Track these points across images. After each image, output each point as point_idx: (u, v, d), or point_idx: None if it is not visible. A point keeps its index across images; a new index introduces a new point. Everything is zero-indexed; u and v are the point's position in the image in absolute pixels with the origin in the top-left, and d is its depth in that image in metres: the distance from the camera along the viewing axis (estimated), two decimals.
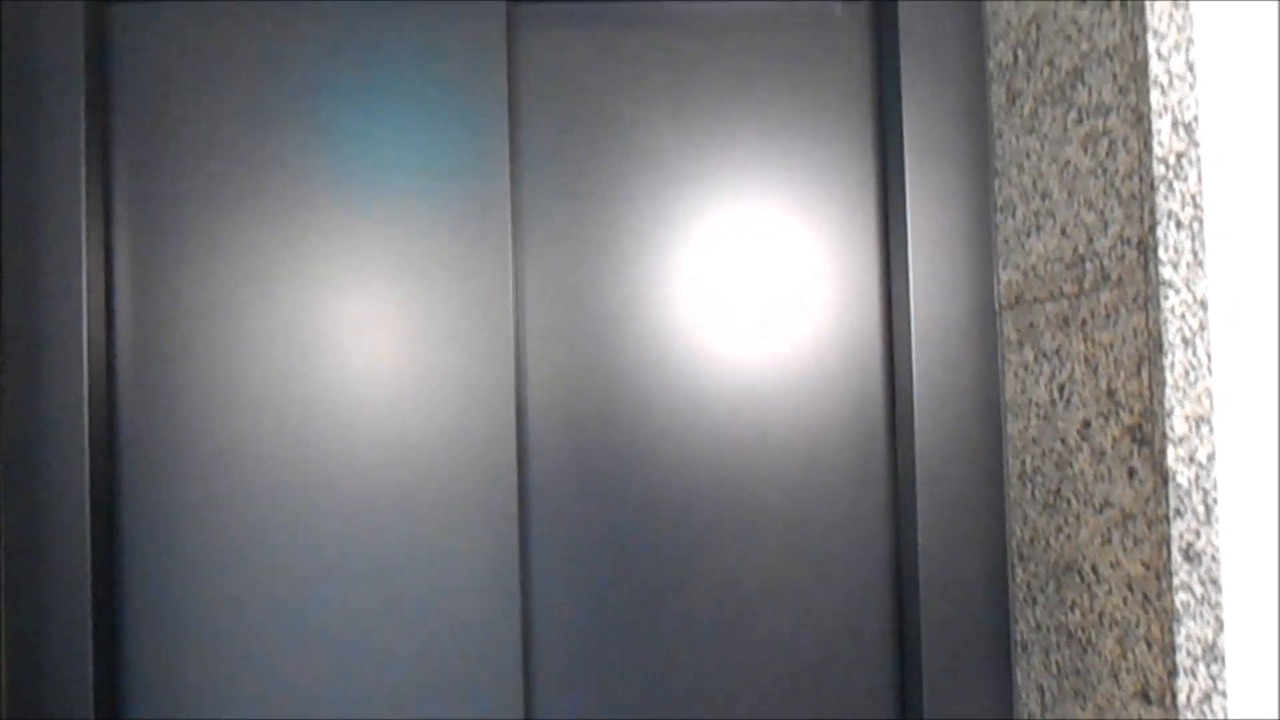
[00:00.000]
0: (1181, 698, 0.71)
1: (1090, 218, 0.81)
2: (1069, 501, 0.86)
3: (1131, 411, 0.76)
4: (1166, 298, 0.72)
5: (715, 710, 1.02)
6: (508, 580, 0.99)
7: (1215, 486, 0.71)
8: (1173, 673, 0.72)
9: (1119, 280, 0.77)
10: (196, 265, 1.00)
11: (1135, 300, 0.75)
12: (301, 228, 1.00)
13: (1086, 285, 0.82)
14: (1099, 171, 0.79)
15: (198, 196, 1.01)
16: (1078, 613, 0.85)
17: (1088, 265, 0.81)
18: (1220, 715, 0.71)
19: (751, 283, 1.04)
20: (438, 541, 0.99)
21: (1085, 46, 0.81)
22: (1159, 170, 0.72)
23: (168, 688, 0.99)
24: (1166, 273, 0.72)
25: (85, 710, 0.94)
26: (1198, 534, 0.71)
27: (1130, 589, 0.77)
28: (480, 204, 1.01)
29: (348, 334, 1.00)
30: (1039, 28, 0.89)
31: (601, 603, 1.02)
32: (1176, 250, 0.72)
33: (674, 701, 1.02)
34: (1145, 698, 0.75)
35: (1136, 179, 0.74)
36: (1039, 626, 0.92)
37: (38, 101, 0.96)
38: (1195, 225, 0.72)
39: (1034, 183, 0.90)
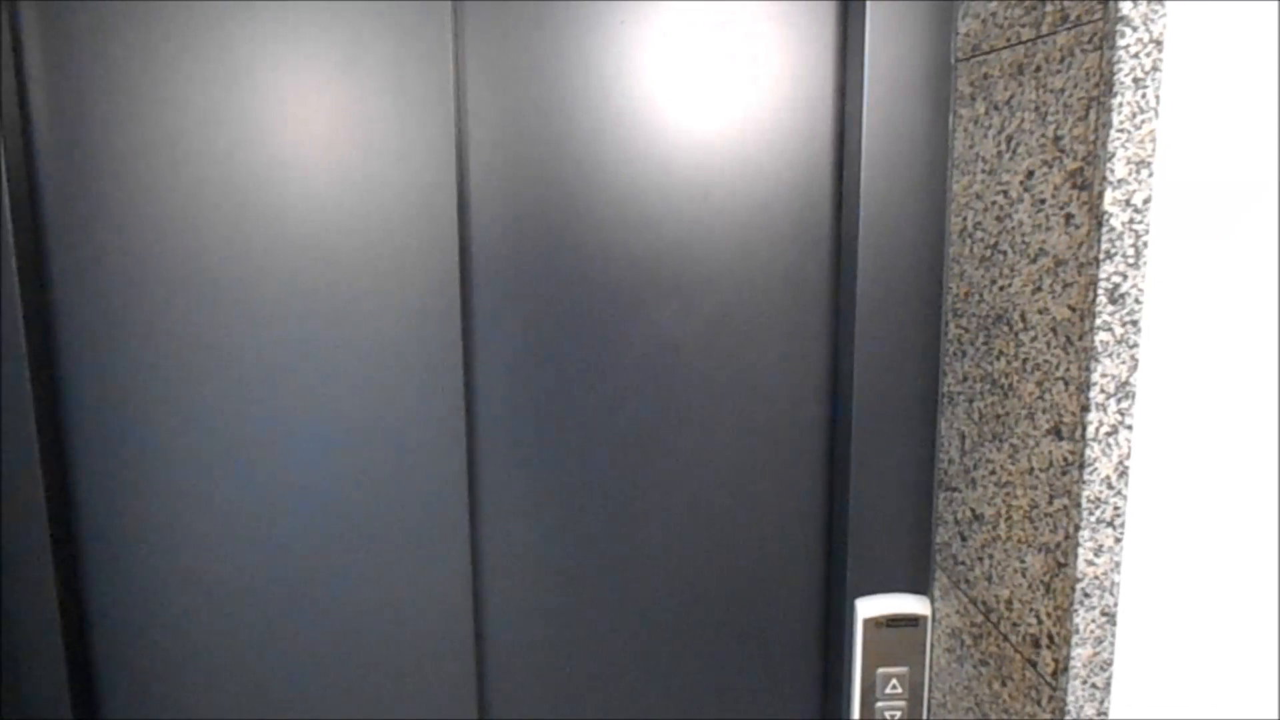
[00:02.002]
0: (1090, 431, 0.75)
1: None
2: (1005, 254, 0.87)
3: (1075, 157, 0.76)
4: (1123, 35, 0.70)
5: (650, 463, 1.06)
6: (449, 333, 0.99)
7: (1148, 230, 0.72)
8: (1085, 408, 0.75)
9: (1077, 19, 0.75)
10: (116, 43, 0.93)
11: (1091, 40, 0.73)
12: (231, 6, 0.93)
13: (1044, 28, 0.79)
14: None
15: None
16: (1003, 361, 0.88)
17: (1048, 6, 0.79)
18: (1125, 448, 0.76)
19: (699, 38, 0.99)
20: (377, 319, 0.99)
21: None
22: None
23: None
24: (1125, 8, 0.69)
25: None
26: (1125, 276, 0.73)
27: (1054, 333, 0.79)
28: None
29: (282, 114, 0.95)
30: None
31: (542, 354, 1.03)
32: None
33: (614, 452, 1.05)
34: (1057, 434, 0.79)
35: None
36: (965, 378, 0.95)
37: None
38: None
39: None
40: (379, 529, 1.03)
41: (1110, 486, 0.76)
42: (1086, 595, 0.78)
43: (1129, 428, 0.75)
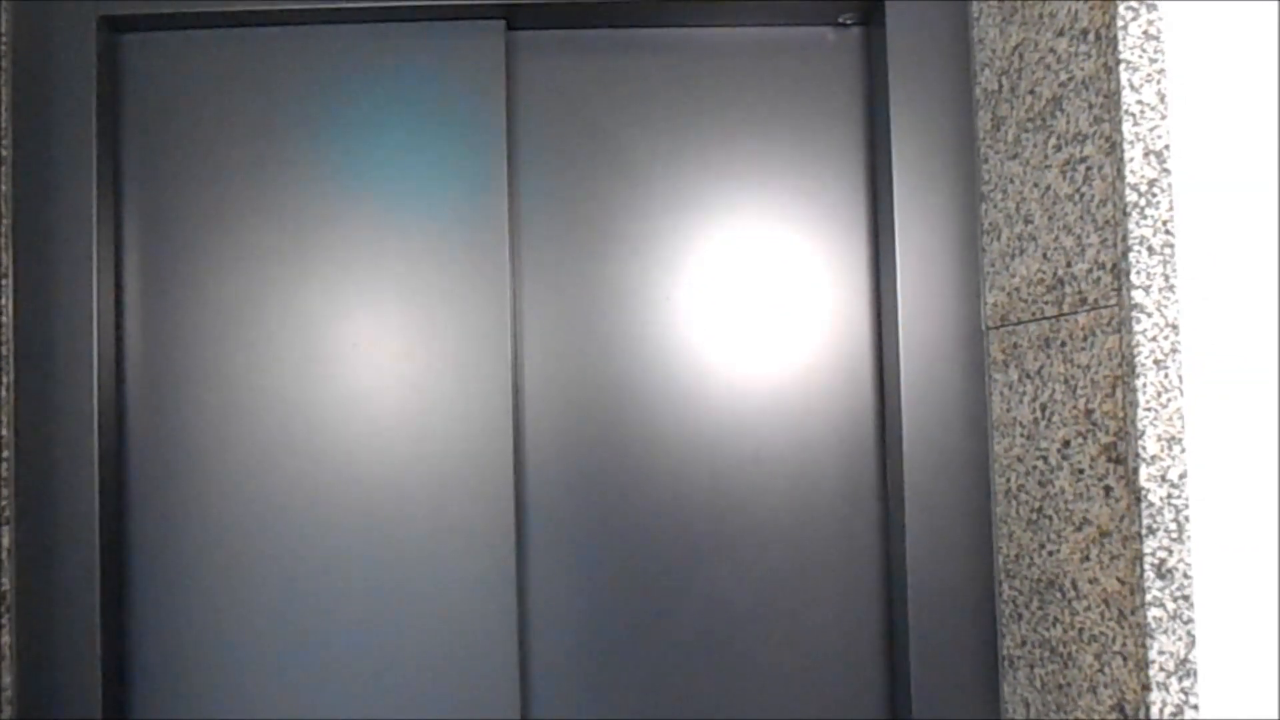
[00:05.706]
0: (1155, 711, 0.73)
1: (1069, 242, 0.83)
2: (1050, 519, 0.87)
3: (1107, 431, 0.78)
4: (1139, 321, 0.74)
5: None
6: (505, 593, 1.01)
7: (1187, 505, 0.73)
8: (1146, 687, 0.73)
9: (1095, 303, 0.79)
10: (202, 280, 1.04)
11: (1110, 323, 0.77)
12: (305, 244, 1.04)
13: (1065, 307, 0.84)
14: (1076, 197, 0.82)
15: (204, 215, 1.04)
16: (1059, 628, 0.86)
17: (1066, 288, 0.83)
18: None
19: (744, 302, 1.06)
20: (436, 551, 1.02)
21: (1064, 76, 0.83)
22: (1131, 197, 0.74)
23: (175, 689, 1.02)
24: (1139, 296, 0.74)
25: (94, 711, 0.97)
26: (1170, 551, 0.73)
27: (1107, 605, 0.78)
28: (480, 222, 1.04)
29: (350, 345, 1.03)
30: (1022, 56, 0.91)
31: (596, 616, 1.04)
32: (1149, 275, 0.74)
33: (666, 714, 1.04)
34: (1121, 712, 0.77)
35: (1110, 205, 0.76)
36: (1024, 642, 0.93)
37: (51, 123, 1.00)
38: (1167, 251, 0.74)
39: (1017, 207, 0.92)
40: None
41: None
42: None
43: (1195, 708, 0.73)
